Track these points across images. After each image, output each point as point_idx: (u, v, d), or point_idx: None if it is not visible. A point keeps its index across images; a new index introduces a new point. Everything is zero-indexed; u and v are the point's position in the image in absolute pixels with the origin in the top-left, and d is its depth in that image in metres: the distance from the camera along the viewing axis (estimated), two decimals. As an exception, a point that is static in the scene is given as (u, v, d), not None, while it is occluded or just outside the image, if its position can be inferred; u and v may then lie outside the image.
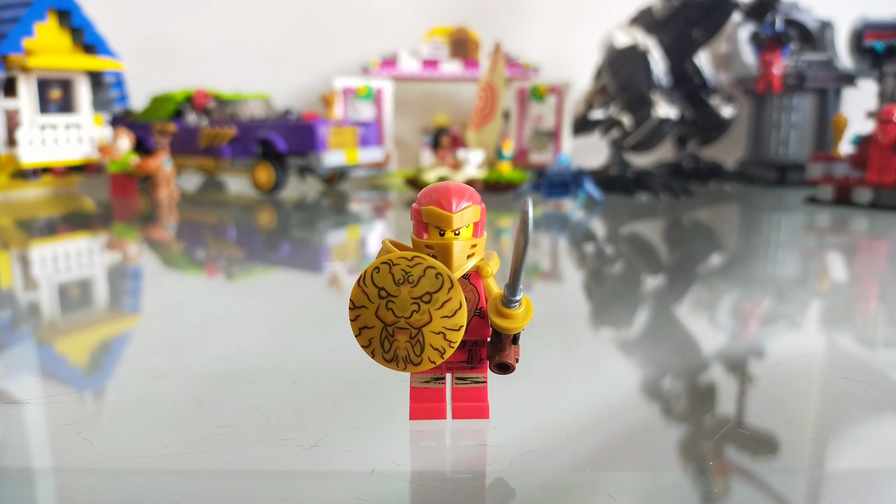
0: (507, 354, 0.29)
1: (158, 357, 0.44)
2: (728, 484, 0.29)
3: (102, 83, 1.55)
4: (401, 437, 0.32)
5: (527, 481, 0.29)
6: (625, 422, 0.35)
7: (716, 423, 0.34)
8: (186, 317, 0.54)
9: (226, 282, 0.70)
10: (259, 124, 1.51)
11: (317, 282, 0.70)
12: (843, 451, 0.32)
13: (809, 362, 0.43)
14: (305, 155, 1.45)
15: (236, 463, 0.30)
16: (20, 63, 1.36)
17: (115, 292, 0.64)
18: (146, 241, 0.93)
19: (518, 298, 0.28)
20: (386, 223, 1.10)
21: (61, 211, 1.23)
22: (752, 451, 0.32)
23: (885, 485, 0.30)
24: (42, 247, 0.87)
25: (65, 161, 1.45)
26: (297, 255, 0.84)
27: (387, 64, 1.89)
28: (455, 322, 0.27)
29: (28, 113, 1.40)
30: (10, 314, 0.56)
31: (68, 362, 0.45)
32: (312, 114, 1.58)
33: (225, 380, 0.39)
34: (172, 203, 1.29)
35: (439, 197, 0.27)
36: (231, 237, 0.96)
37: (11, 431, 0.33)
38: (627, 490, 0.28)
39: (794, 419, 0.36)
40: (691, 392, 0.39)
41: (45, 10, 1.42)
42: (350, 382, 0.38)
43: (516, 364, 0.30)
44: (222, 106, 1.62)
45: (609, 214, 1.09)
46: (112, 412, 0.36)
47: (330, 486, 0.29)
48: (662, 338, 0.50)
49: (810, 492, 0.29)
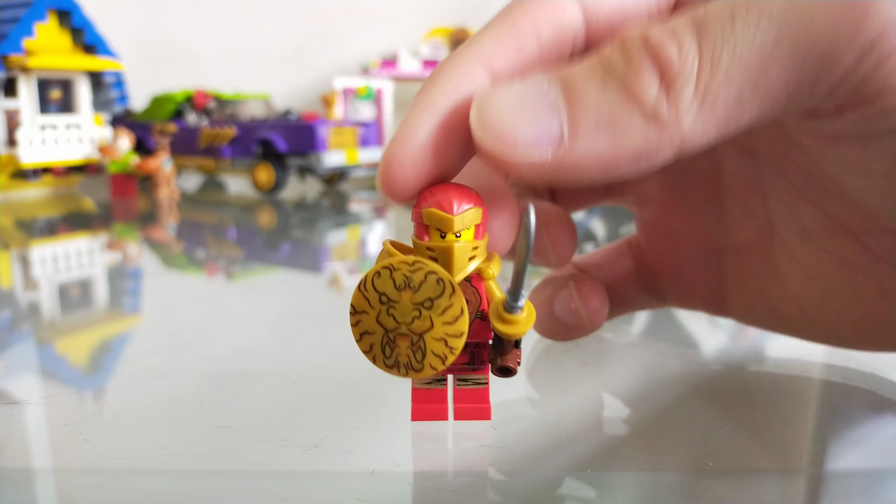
0: (508, 358, 0.29)
1: (158, 357, 0.44)
2: (728, 484, 0.29)
3: (102, 83, 1.55)
4: (401, 438, 0.32)
5: (527, 482, 0.29)
6: (625, 422, 0.35)
7: (716, 423, 0.34)
8: (186, 317, 0.55)
9: (226, 282, 0.70)
10: (259, 124, 1.51)
11: (317, 282, 0.70)
12: (843, 451, 0.32)
13: (809, 363, 0.43)
14: (305, 155, 1.45)
15: (236, 463, 0.30)
16: (20, 63, 1.36)
17: (115, 292, 0.64)
18: (146, 241, 0.93)
19: (520, 304, 0.28)
20: (386, 223, 1.10)
21: (61, 211, 1.23)
22: (752, 451, 0.32)
23: (885, 485, 0.30)
24: (42, 247, 0.87)
25: (65, 161, 1.45)
26: (297, 255, 0.84)
27: (387, 64, 1.89)
28: (457, 329, 0.27)
29: (28, 113, 1.40)
30: (10, 314, 0.56)
31: (68, 362, 0.45)
32: (312, 114, 1.58)
33: (225, 380, 0.39)
34: (172, 203, 1.29)
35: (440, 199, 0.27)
36: (231, 237, 0.96)
37: (11, 431, 0.33)
38: (627, 490, 0.28)
39: (794, 419, 0.36)
40: (691, 392, 0.39)
41: (45, 10, 1.42)
42: (350, 382, 0.38)
43: (518, 368, 0.30)
44: (222, 106, 1.62)
45: (609, 214, 1.09)
46: (112, 412, 0.36)
47: (330, 486, 0.29)
48: (662, 338, 0.50)
49: (810, 492, 0.29)
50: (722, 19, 0.23)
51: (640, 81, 0.23)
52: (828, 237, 0.32)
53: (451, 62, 0.27)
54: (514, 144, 0.23)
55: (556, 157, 0.23)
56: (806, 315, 0.35)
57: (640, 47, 0.23)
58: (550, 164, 0.23)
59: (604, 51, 0.24)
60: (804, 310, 0.34)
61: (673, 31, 0.23)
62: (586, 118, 0.23)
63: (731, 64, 0.22)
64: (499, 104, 0.24)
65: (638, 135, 0.23)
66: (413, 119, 0.26)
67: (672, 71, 0.22)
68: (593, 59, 0.24)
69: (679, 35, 0.23)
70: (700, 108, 0.22)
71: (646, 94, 0.23)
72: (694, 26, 0.23)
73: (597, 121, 0.23)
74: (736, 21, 0.23)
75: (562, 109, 0.23)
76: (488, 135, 0.24)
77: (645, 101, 0.23)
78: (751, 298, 0.37)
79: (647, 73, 0.23)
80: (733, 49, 0.22)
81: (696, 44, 0.23)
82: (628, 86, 0.23)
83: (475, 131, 0.24)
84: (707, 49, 0.22)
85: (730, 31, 0.22)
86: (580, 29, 0.28)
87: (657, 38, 0.23)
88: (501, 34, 0.27)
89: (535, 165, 0.23)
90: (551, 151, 0.23)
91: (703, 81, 0.22)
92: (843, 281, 0.32)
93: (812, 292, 0.34)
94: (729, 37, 0.22)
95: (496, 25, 0.27)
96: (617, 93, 0.23)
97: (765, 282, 0.36)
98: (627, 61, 0.23)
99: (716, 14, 0.23)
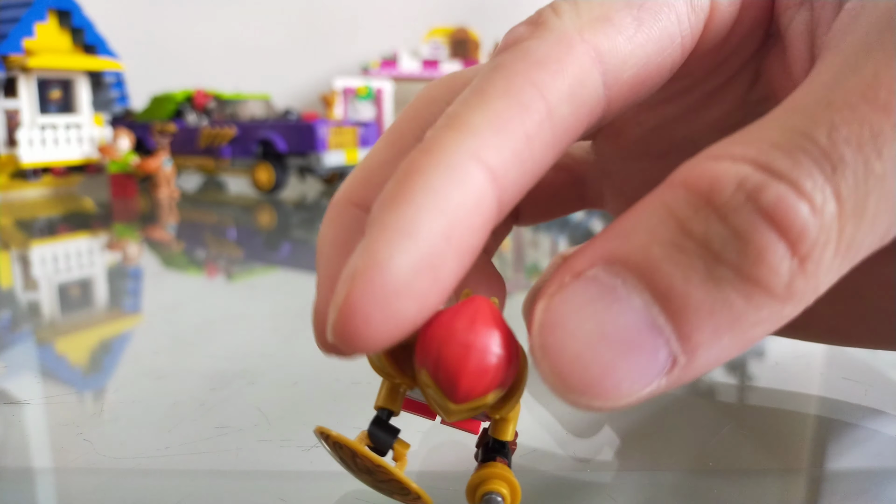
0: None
1: (158, 357, 0.44)
2: (728, 484, 0.29)
3: (102, 83, 1.55)
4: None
5: (527, 481, 0.29)
6: (625, 422, 0.35)
7: (716, 424, 0.34)
8: (186, 317, 0.55)
9: (226, 282, 0.70)
10: (259, 124, 1.51)
11: (317, 282, 0.70)
12: (843, 451, 0.32)
13: (809, 363, 0.43)
14: (305, 155, 1.45)
15: (236, 463, 0.30)
16: (20, 63, 1.36)
17: (115, 292, 0.64)
18: (146, 241, 0.93)
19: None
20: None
21: (61, 211, 1.23)
22: (752, 451, 0.32)
23: (885, 485, 0.29)
24: (42, 247, 0.87)
25: (65, 161, 1.45)
26: (297, 255, 0.84)
27: (387, 64, 1.89)
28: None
29: (28, 113, 1.41)
30: (10, 314, 0.56)
31: (68, 362, 0.45)
32: (312, 114, 1.58)
33: (225, 380, 0.39)
34: (172, 203, 1.29)
35: (442, 365, 0.23)
36: (231, 237, 0.96)
37: (11, 431, 0.33)
38: (627, 490, 0.28)
39: (794, 419, 0.36)
40: (691, 392, 0.39)
41: (46, 10, 1.42)
42: (350, 383, 0.38)
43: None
44: (222, 106, 1.62)
45: (609, 214, 1.09)
46: (112, 412, 0.36)
47: (330, 486, 0.29)
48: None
49: (810, 492, 0.29)
50: (861, 141, 0.16)
51: (766, 264, 0.16)
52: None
53: (438, 162, 0.18)
54: (618, 396, 0.17)
55: (669, 381, 0.17)
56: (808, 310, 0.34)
57: (752, 215, 0.16)
58: (662, 387, 0.17)
59: (683, 213, 0.17)
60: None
61: (797, 177, 0.16)
62: (702, 330, 0.16)
63: (878, 206, 0.17)
64: (573, 345, 0.17)
65: (768, 321, 0.17)
66: (387, 250, 0.17)
67: (808, 240, 0.16)
68: (672, 230, 0.17)
69: (806, 187, 0.16)
70: (843, 263, 0.17)
71: (776, 277, 0.16)
72: (824, 160, 0.16)
73: (715, 329, 0.16)
74: (882, 150, 0.16)
75: (664, 326, 0.17)
76: (581, 397, 0.17)
77: (776, 286, 0.16)
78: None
79: (773, 249, 0.16)
80: (882, 186, 0.16)
81: (832, 194, 0.16)
82: (748, 275, 0.16)
83: (559, 393, 0.17)
84: (849, 197, 0.16)
85: (875, 164, 0.16)
86: (600, 101, 0.21)
87: (776, 198, 0.16)
88: (504, 119, 0.19)
89: (641, 399, 0.17)
90: (665, 382, 0.17)
91: (847, 236, 0.17)
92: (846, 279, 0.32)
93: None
94: (875, 174, 0.16)
95: (495, 101, 0.19)
96: (734, 287, 0.16)
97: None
98: (738, 241, 0.16)
99: (851, 143, 0.16)
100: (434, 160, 0.18)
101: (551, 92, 0.20)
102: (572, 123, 0.20)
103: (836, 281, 0.18)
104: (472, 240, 0.18)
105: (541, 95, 0.19)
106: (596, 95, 0.20)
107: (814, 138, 0.16)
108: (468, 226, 0.18)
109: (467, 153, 0.18)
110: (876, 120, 0.16)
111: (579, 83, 0.20)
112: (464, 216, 0.18)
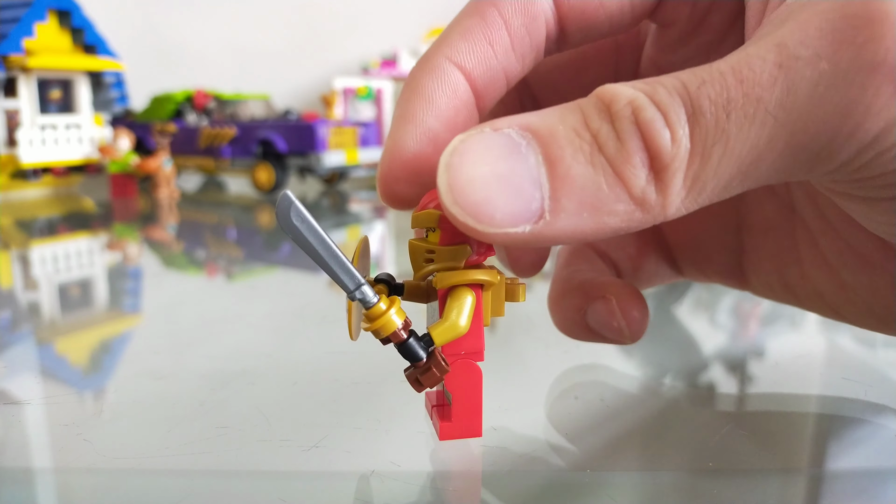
0: (420, 370, 0.27)
1: (158, 357, 0.44)
2: (728, 484, 0.29)
3: (102, 83, 1.55)
4: (401, 438, 0.32)
5: (527, 481, 0.29)
6: (625, 422, 0.35)
7: (716, 424, 0.34)
8: (186, 317, 0.55)
9: (226, 282, 0.70)
10: (259, 124, 1.51)
11: (317, 282, 0.70)
12: (843, 451, 0.32)
13: (809, 363, 0.43)
14: (305, 155, 1.45)
15: (236, 463, 0.30)
16: (20, 63, 1.36)
17: (115, 292, 0.64)
18: (146, 241, 0.93)
19: (366, 298, 0.26)
20: (386, 223, 1.10)
21: (61, 211, 1.23)
22: (752, 451, 0.32)
23: (885, 485, 0.30)
24: (42, 247, 0.87)
25: (65, 161, 1.45)
26: (297, 255, 0.84)
27: (387, 64, 1.89)
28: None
29: (28, 113, 1.41)
30: (10, 314, 0.56)
31: (68, 362, 0.45)
32: (312, 114, 1.58)
33: (225, 380, 0.39)
34: (172, 203, 1.29)
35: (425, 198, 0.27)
36: (231, 237, 0.96)
37: (11, 431, 0.33)
38: (627, 490, 0.28)
39: (794, 419, 0.36)
40: (691, 392, 0.39)
41: (45, 11, 1.42)
42: (350, 383, 0.38)
43: (431, 379, 0.27)
44: (222, 106, 1.62)
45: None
46: (112, 413, 0.36)
47: (330, 486, 0.29)
48: (662, 338, 0.50)
49: (810, 492, 0.29)
50: (717, 109, 0.21)
51: (630, 166, 0.21)
52: (848, 229, 0.32)
53: (424, 67, 0.27)
54: (490, 223, 0.22)
55: (532, 232, 0.22)
56: (823, 299, 0.35)
57: (630, 125, 0.21)
58: (525, 235, 0.22)
59: (589, 112, 0.22)
60: (822, 296, 0.34)
61: (666, 111, 0.21)
62: (570, 198, 0.22)
63: (722, 158, 0.22)
64: (470, 171, 0.22)
65: (622, 215, 0.22)
66: (398, 133, 0.27)
67: (663, 160, 0.21)
68: (577, 120, 0.22)
69: (672, 119, 0.21)
70: (687, 195, 0.22)
71: (635, 179, 0.21)
72: (688, 110, 0.21)
73: (580, 201, 0.22)
74: (731, 114, 0.21)
75: (544, 184, 0.22)
76: (460, 211, 0.22)
77: (633, 186, 0.22)
78: (769, 276, 0.37)
79: (637, 157, 0.21)
80: (725, 145, 0.21)
81: (688, 133, 0.21)
82: (617, 169, 0.21)
83: (445, 203, 0.22)
84: (699, 140, 0.21)
85: (724, 123, 0.21)
86: (551, 15, 0.28)
87: (649, 118, 0.21)
88: (470, 29, 0.27)
89: (508, 237, 0.22)
90: (529, 228, 0.22)
91: (693, 172, 0.22)
92: (862, 275, 0.32)
93: (830, 281, 0.33)
94: (722, 130, 0.21)
95: (464, 19, 0.28)
96: (605, 175, 0.22)
97: (784, 263, 0.36)
98: (617, 141, 0.21)
99: (711, 100, 0.21)
100: (423, 66, 0.27)
101: (506, 8, 0.27)
102: (527, 33, 0.28)
103: (683, 213, 0.23)
104: (455, 115, 0.27)
105: (498, 11, 0.27)
106: (544, 10, 0.27)
107: (688, 88, 0.22)
108: (450, 107, 0.27)
109: (443, 57, 0.27)
110: (733, 88, 0.21)
111: (530, 1, 0.27)
112: (444, 104, 0.27)
